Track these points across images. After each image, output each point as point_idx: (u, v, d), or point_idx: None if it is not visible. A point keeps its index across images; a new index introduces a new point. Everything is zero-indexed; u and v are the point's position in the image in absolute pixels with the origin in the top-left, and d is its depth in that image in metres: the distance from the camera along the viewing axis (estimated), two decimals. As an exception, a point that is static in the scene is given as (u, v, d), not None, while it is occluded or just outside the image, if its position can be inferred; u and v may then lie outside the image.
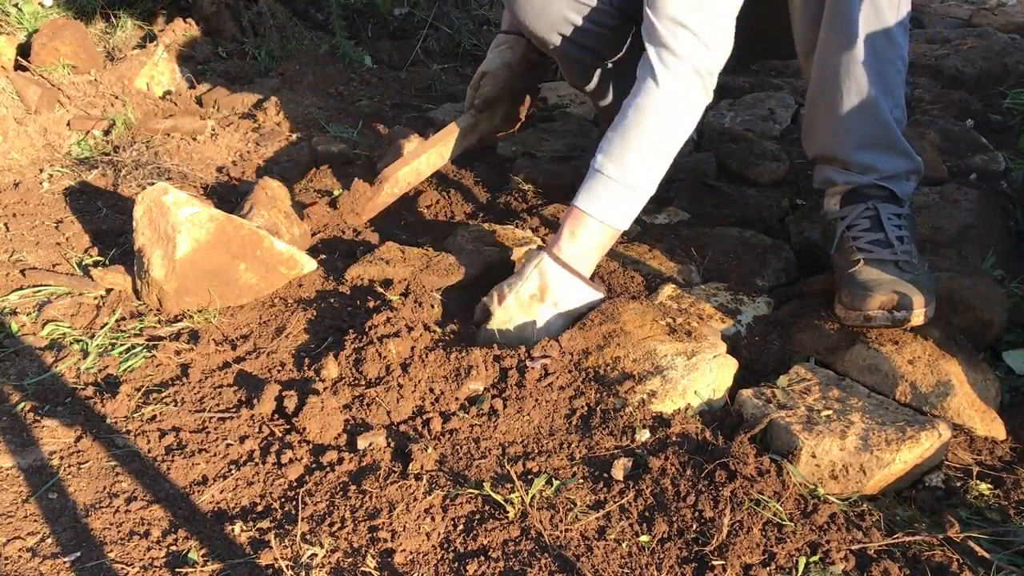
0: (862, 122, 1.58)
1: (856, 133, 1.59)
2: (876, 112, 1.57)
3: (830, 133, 1.63)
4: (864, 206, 1.60)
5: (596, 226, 1.56)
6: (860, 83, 1.54)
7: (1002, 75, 2.97)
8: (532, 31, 1.89)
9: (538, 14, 1.84)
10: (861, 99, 1.55)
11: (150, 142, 2.34)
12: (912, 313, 1.45)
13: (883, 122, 1.58)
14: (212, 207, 1.68)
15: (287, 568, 1.09)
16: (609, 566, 1.09)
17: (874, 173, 1.61)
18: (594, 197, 1.56)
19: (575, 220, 1.56)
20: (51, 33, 2.67)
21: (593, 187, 1.56)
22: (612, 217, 1.56)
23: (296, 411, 1.35)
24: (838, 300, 1.55)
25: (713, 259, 1.82)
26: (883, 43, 1.53)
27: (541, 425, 1.35)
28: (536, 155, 2.39)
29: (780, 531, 1.14)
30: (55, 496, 1.22)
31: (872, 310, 1.47)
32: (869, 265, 1.54)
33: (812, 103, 1.65)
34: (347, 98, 2.89)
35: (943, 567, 1.11)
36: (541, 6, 1.83)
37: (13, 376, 1.48)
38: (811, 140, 1.70)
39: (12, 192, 2.10)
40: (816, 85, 1.61)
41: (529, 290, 1.54)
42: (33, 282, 1.72)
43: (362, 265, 1.78)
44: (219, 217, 1.65)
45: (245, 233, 1.66)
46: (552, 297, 1.54)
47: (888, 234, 1.56)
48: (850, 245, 1.59)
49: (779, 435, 1.30)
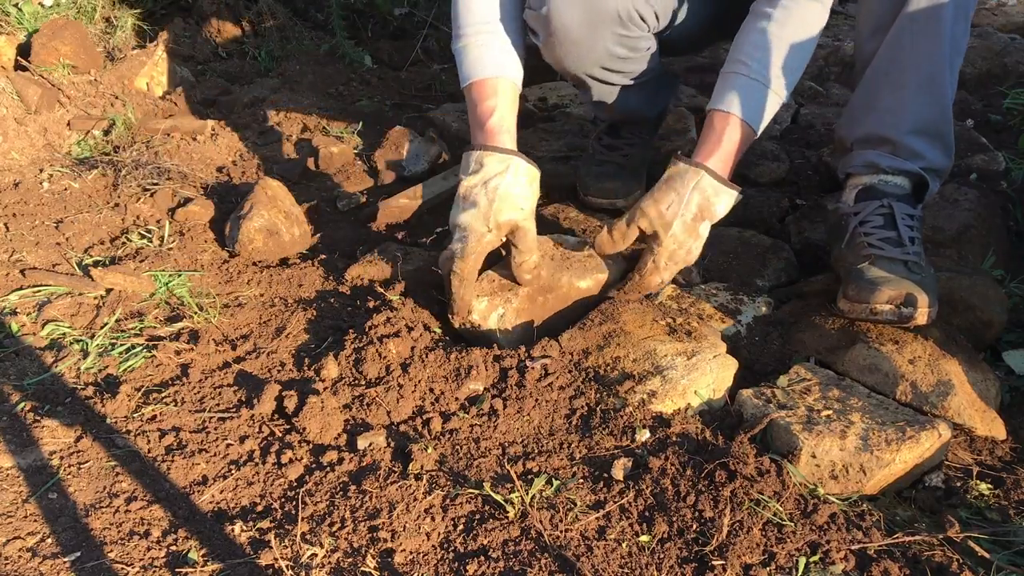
0: (927, 105, 1.58)
1: (918, 115, 1.58)
2: (942, 99, 1.57)
3: (890, 113, 1.61)
4: (879, 203, 1.60)
5: (747, 133, 1.56)
6: (936, 67, 1.54)
7: (1002, 75, 2.97)
8: (573, 72, 1.83)
9: (585, 54, 1.75)
10: (932, 82, 1.55)
11: (150, 142, 2.35)
12: (917, 312, 1.44)
13: (945, 110, 1.59)
14: None
15: (287, 568, 1.09)
16: (609, 566, 1.09)
17: (920, 161, 1.61)
18: (750, 105, 1.56)
19: (729, 129, 1.55)
20: (51, 33, 2.67)
21: (748, 94, 1.56)
22: (760, 123, 1.57)
23: (296, 411, 1.35)
24: (843, 294, 1.55)
25: (713, 259, 1.82)
26: (962, 32, 1.54)
27: (541, 425, 1.35)
28: (536, 155, 2.38)
29: (780, 531, 1.14)
30: (55, 496, 1.22)
31: (879, 304, 1.46)
32: (878, 262, 1.54)
33: (875, 82, 1.62)
34: (347, 98, 2.89)
35: (943, 567, 1.11)
36: (587, 45, 1.73)
37: (13, 376, 1.48)
38: (862, 120, 1.66)
39: (12, 192, 2.10)
40: (884, 63, 1.59)
41: (691, 212, 1.54)
42: (33, 282, 1.72)
43: (362, 265, 1.78)
44: None
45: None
46: (711, 212, 1.56)
47: (901, 233, 1.56)
48: (861, 241, 1.58)
49: (779, 435, 1.30)
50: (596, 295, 1.65)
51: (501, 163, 1.59)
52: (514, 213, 1.58)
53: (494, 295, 1.59)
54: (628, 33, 1.74)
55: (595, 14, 1.68)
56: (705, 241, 1.59)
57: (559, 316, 1.63)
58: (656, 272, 1.58)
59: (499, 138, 1.64)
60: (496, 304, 1.57)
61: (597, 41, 1.73)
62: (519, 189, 1.60)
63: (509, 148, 1.63)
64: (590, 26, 1.69)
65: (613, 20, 1.70)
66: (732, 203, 1.58)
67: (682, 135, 2.40)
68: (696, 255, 1.59)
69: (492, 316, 1.56)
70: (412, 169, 2.35)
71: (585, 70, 1.82)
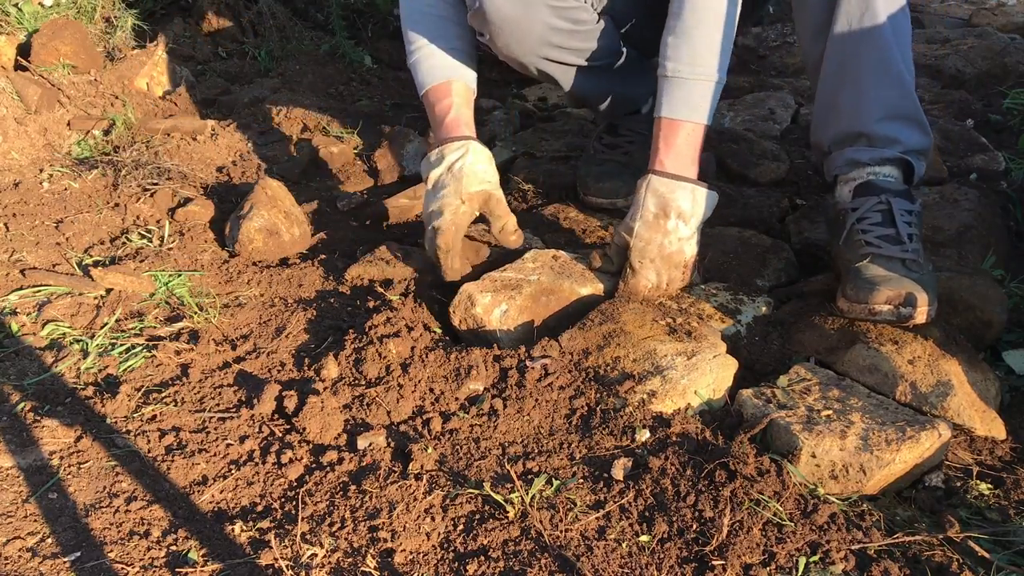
0: (888, 91, 1.59)
1: (882, 103, 1.59)
2: (900, 80, 1.58)
3: (854, 107, 1.62)
4: (877, 199, 1.59)
5: (689, 128, 1.58)
6: (883, 52, 1.55)
7: (1002, 75, 2.97)
8: (525, 59, 1.83)
9: (525, 34, 1.75)
10: (885, 68, 1.56)
11: (150, 142, 2.35)
12: (916, 311, 1.44)
13: (908, 90, 1.60)
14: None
15: (287, 568, 1.09)
16: (609, 566, 1.09)
17: (898, 146, 1.61)
18: (679, 102, 1.57)
19: (667, 130, 1.58)
20: (51, 33, 2.67)
21: (673, 93, 1.58)
22: (699, 114, 1.58)
23: (296, 411, 1.35)
24: (842, 293, 1.54)
25: (713, 259, 1.82)
26: (901, 14, 1.55)
27: (541, 425, 1.35)
28: (536, 155, 2.39)
29: (780, 531, 1.14)
30: (55, 496, 1.22)
31: (878, 304, 1.46)
32: (877, 261, 1.53)
33: (831, 82, 1.64)
34: (347, 98, 2.89)
35: (943, 567, 1.11)
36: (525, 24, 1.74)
37: (13, 376, 1.48)
38: (829, 124, 1.68)
39: (12, 192, 2.10)
40: (834, 63, 1.61)
41: (651, 212, 1.57)
42: (33, 282, 1.72)
43: (362, 265, 1.78)
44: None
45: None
46: (674, 209, 1.56)
47: (900, 230, 1.55)
48: (859, 238, 1.57)
49: (779, 435, 1.30)
50: (598, 297, 1.66)
51: (460, 148, 1.73)
52: (482, 185, 1.71)
53: (498, 292, 1.59)
54: (561, 4, 1.76)
55: None
56: (689, 238, 1.59)
57: (560, 316, 1.64)
58: (635, 275, 1.60)
59: (458, 131, 1.77)
60: (500, 300, 1.58)
61: (534, 18, 1.75)
62: (481, 166, 1.73)
63: (465, 135, 1.76)
64: (522, 3, 1.72)
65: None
66: (701, 198, 1.58)
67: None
68: (674, 250, 1.59)
69: (495, 312, 1.57)
70: (412, 169, 2.35)
71: (535, 52, 1.82)
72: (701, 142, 1.60)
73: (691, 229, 1.59)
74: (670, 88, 1.58)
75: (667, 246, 1.58)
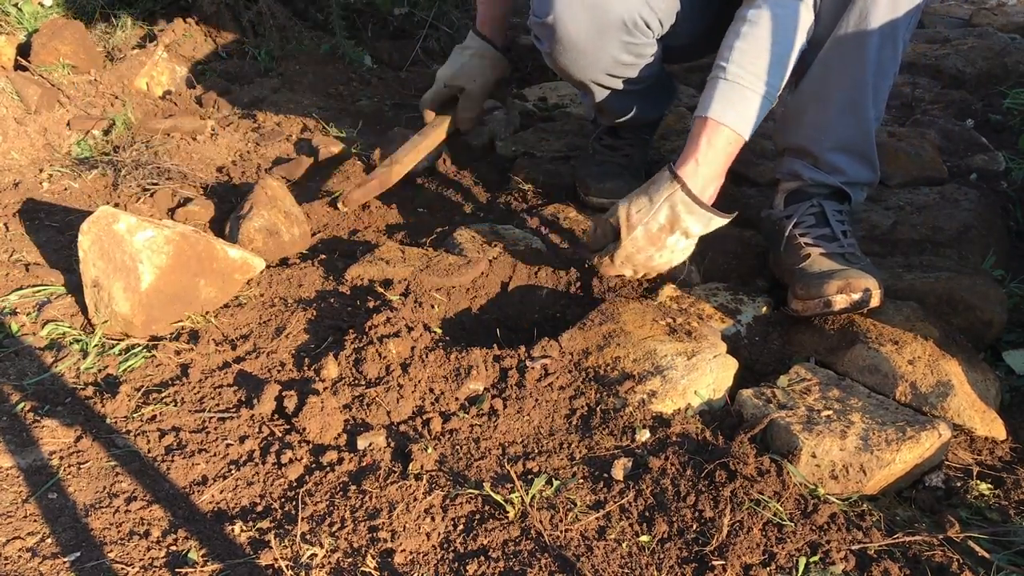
0: (848, 126, 1.63)
1: (838, 134, 1.64)
2: (863, 121, 1.63)
3: (813, 128, 1.66)
4: (809, 203, 1.67)
5: (730, 136, 1.50)
6: (858, 92, 1.59)
7: (1002, 75, 2.97)
8: (579, 79, 1.84)
9: (591, 62, 1.76)
10: (854, 106, 1.61)
11: (150, 142, 2.34)
12: (872, 295, 1.48)
13: (866, 132, 1.65)
14: (161, 224, 1.59)
15: (287, 568, 1.09)
16: (609, 566, 1.09)
17: (840, 176, 1.68)
18: (729, 106, 1.49)
19: (710, 131, 1.50)
20: (51, 33, 2.67)
21: (727, 95, 1.50)
22: (743, 125, 1.50)
23: (296, 411, 1.35)
24: (793, 295, 1.58)
25: (713, 259, 1.82)
26: (889, 58, 1.56)
27: (541, 425, 1.35)
28: (536, 155, 2.38)
29: (780, 531, 1.14)
30: (55, 496, 1.22)
31: (832, 295, 1.49)
32: (818, 258, 1.59)
33: (805, 96, 1.66)
34: (347, 98, 2.89)
35: (943, 567, 1.11)
36: (594, 54, 1.74)
37: (13, 376, 1.48)
38: (789, 131, 1.72)
39: (12, 192, 2.10)
40: (815, 81, 1.62)
41: (658, 223, 1.52)
42: (33, 282, 1.72)
43: (362, 265, 1.78)
44: (174, 237, 1.59)
45: (201, 247, 1.62)
46: (681, 227, 1.52)
47: (834, 228, 1.63)
48: (797, 242, 1.64)
49: (779, 435, 1.30)
50: None
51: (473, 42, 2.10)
52: (465, 81, 2.11)
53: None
54: (634, 40, 1.75)
55: (601, 22, 1.69)
56: (684, 248, 1.56)
57: None
58: (610, 265, 1.59)
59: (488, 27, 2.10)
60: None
61: (604, 49, 1.74)
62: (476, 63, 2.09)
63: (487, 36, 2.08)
64: (597, 34, 1.70)
65: (619, 28, 1.70)
66: (714, 226, 1.54)
67: (682, 135, 2.40)
68: (660, 264, 1.57)
69: None
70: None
71: (591, 77, 1.83)
72: (734, 155, 1.54)
73: (690, 243, 1.57)
74: (724, 90, 1.50)
75: (656, 258, 1.56)
